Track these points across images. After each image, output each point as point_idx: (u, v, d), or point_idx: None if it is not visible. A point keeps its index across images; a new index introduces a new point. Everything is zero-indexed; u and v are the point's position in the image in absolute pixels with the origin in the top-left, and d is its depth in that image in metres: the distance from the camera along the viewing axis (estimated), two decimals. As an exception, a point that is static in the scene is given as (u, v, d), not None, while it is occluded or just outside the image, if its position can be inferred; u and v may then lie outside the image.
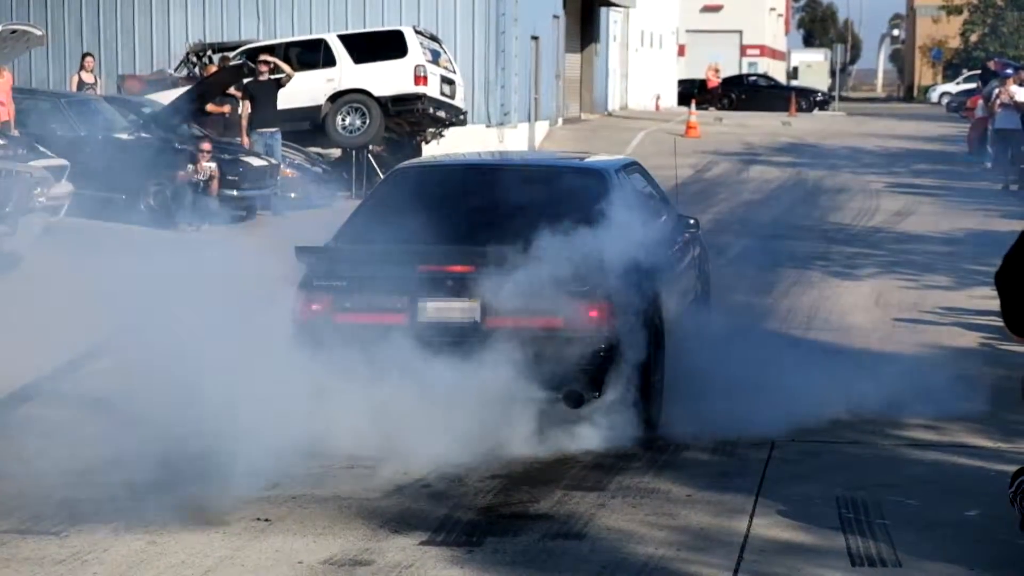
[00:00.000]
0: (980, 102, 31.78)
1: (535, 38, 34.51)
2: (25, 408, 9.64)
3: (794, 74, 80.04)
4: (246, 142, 21.48)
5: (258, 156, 20.88)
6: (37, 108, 20.31)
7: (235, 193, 19.61)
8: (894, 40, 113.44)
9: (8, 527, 7.14)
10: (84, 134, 19.97)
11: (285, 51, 24.44)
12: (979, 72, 40.91)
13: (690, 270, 10.84)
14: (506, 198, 9.23)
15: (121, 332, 9.55)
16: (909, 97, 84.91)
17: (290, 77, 22.48)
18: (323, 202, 20.87)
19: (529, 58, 33.84)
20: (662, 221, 10.30)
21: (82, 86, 23.81)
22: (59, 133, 19.74)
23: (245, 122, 21.74)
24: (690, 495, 7.70)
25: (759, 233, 19.18)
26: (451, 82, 25.01)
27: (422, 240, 8.82)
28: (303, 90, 23.30)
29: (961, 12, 67.64)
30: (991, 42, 63.32)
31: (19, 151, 17.19)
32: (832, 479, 7.99)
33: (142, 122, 20.86)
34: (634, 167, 10.93)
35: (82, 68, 24.31)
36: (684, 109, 45.31)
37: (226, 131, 21.86)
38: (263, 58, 22.71)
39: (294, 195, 21.08)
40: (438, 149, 24.65)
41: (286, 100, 22.50)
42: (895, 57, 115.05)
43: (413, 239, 8.81)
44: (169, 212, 18.60)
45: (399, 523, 7.19)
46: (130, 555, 6.73)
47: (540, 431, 8.63)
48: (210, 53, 26.18)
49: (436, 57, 24.80)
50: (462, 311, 8.59)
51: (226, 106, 22.00)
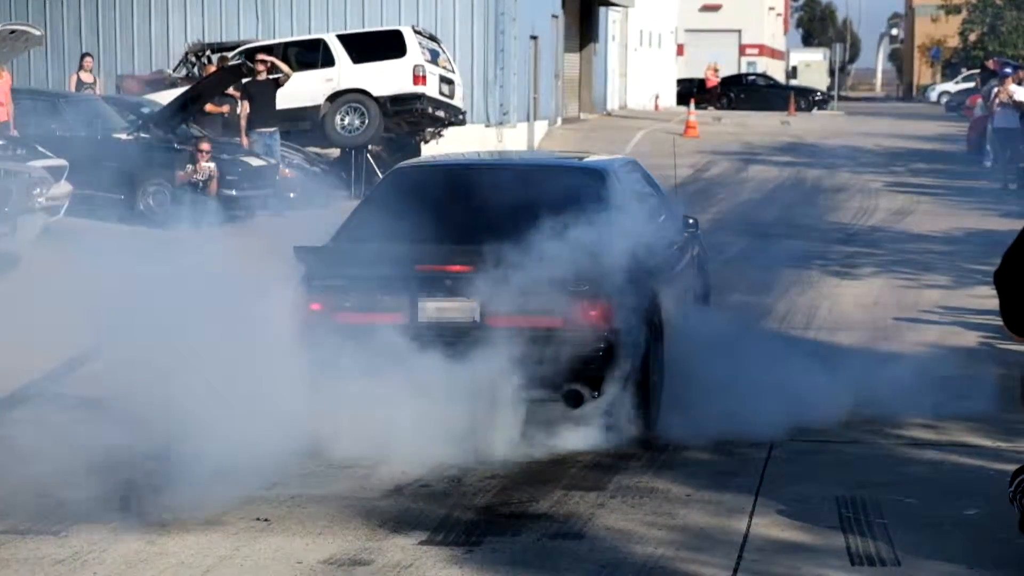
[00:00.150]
0: (979, 101, 31.80)
1: (534, 38, 34.49)
2: (24, 408, 9.63)
3: (793, 73, 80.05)
4: (245, 142, 21.47)
5: (257, 156, 20.87)
6: (36, 108, 20.30)
7: (234, 193, 19.60)
8: (893, 39, 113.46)
9: (7, 527, 7.13)
10: (83, 134, 19.98)
11: (284, 51, 24.41)
12: (979, 72, 40.90)
13: (689, 269, 10.83)
14: (505, 198, 9.21)
15: (119, 332, 9.53)
16: (908, 96, 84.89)
17: (288, 77, 22.46)
18: (322, 202, 20.84)
19: (528, 58, 33.83)
20: (661, 220, 10.29)
21: (81, 86, 23.78)
22: (58, 133, 19.75)
23: (244, 122, 21.72)
24: (689, 494, 7.70)
25: (758, 232, 19.17)
26: (450, 82, 24.99)
27: (421, 240, 8.82)
28: (302, 90, 23.29)
29: (960, 11, 67.57)
30: (990, 41, 63.26)
31: (18, 151, 17.19)
32: (831, 478, 7.99)
33: (141, 122, 20.85)
34: (633, 166, 10.93)
35: (81, 68, 24.28)
36: (683, 109, 45.30)
37: (225, 131, 21.86)
38: (260, 58, 22.70)
39: (293, 195, 21.06)
40: (437, 149, 24.63)
41: (285, 100, 22.49)
42: (894, 56, 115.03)
43: (412, 239, 8.81)
44: (168, 212, 18.58)
45: (398, 523, 7.19)
46: (129, 555, 6.73)
47: (539, 431, 8.63)
48: (209, 53, 26.18)
49: (435, 57, 24.78)
50: (461, 311, 8.59)
51: (225, 106, 21.99)
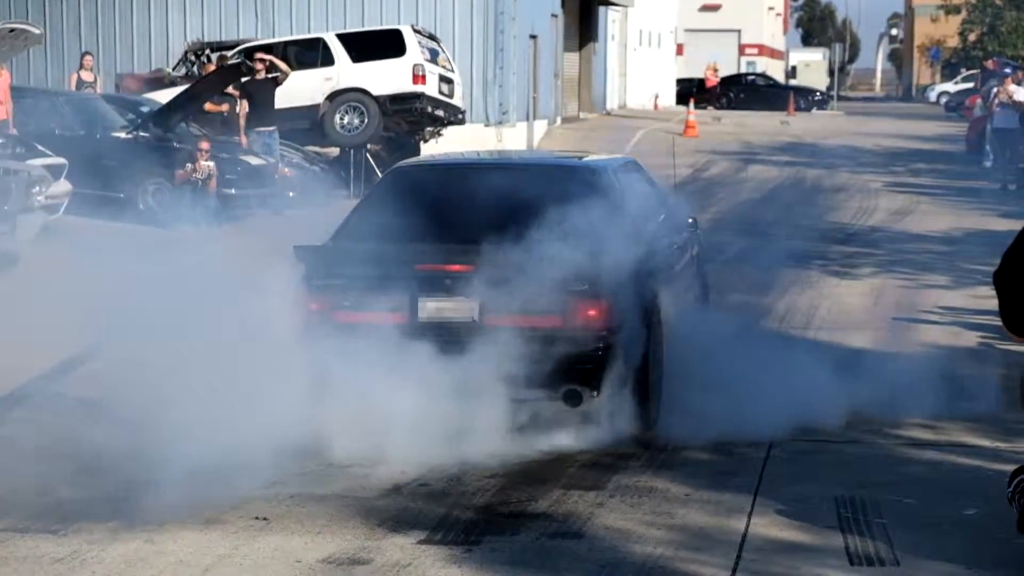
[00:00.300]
0: (978, 101, 31.79)
1: (533, 37, 34.48)
2: (23, 407, 9.63)
3: (792, 73, 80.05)
4: (244, 141, 21.47)
5: (256, 155, 20.87)
6: (36, 107, 20.30)
7: (233, 192, 19.60)
8: (892, 39, 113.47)
9: (6, 526, 7.13)
10: (83, 133, 19.99)
11: (283, 50, 24.40)
12: (979, 72, 40.89)
13: (688, 269, 10.83)
14: (504, 197, 9.20)
15: (118, 331, 9.53)
16: (908, 96, 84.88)
17: (286, 75, 22.45)
18: (321, 201, 20.83)
19: (527, 57, 33.81)
20: (660, 220, 10.30)
21: (81, 85, 23.78)
22: (58, 132, 19.75)
23: (243, 121, 21.72)
24: (688, 494, 7.70)
25: (757, 232, 19.16)
26: (449, 81, 24.98)
27: (421, 239, 8.82)
28: (301, 89, 23.27)
29: (959, 11, 67.58)
30: (989, 41, 63.28)
31: (17, 150, 17.19)
32: (830, 478, 8.00)
33: (140, 121, 20.86)
34: (633, 166, 10.93)
35: (81, 67, 24.28)
36: (682, 108, 45.29)
37: (224, 130, 21.85)
38: (259, 56, 22.67)
39: (292, 194, 21.05)
40: (436, 148, 24.62)
41: (284, 99, 22.47)
42: (893, 56, 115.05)
43: (412, 238, 8.81)
44: (167, 211, 18.56)
45: (397, 522, 7.19)
46: (128, 554, 6.73)
47: (538, 430, 8.64)
48: (208, 52, 26.17)
49: (434, 56, 24.78)
50: (461, 310, 8.59)
51: (224, 105, 21.98)
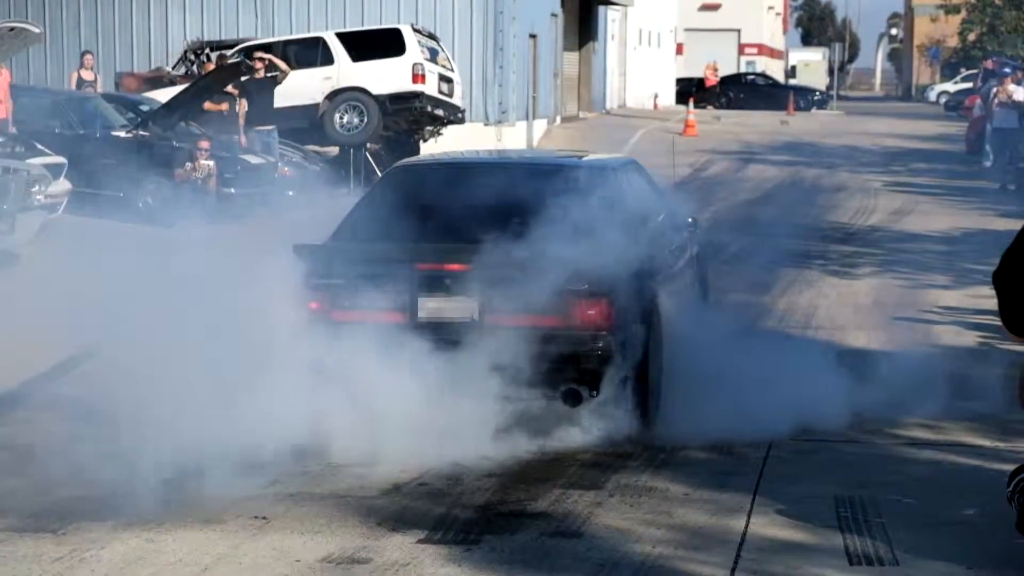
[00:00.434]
0: (978, 101, 31.77)
1: (533, 36, 34.47)
2: (23, 406, 9.63)
3: (792, 73, 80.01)
4: (244, 140, 21.45)
5: (255, 154, 20.87)
6: (35, 105, 20.30)
7: (232, 191, 19.60)
8: (892, 39, 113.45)
9: (5, 525, 7.13)
10: (82, 132, 19.98)
11: (283, 49, 24.39)
12: (978, 71, 40.88)
13: (688, 268, 10.82)
14: (504, 196, 9.20)
15: (118, 330, 9.52)
16: (907, 96, 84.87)
17: (286, 74, 22.45)
18: (321, 200, 20.81)
19: (527, 56, 33.80)
20: (660, 220, 10.30)
21: (81, 84, 23.77)
22: (57, 131, 19.75)
23: (242, 120, 21.71)
24: (688, 494, 7.70)
25: (757, 232, 19.15)
26: (449, 80, 24.98)
27: (420, 238, 8.82)
28: (301, 88, 23.26)
29: (959, 11, 67.52)
30: (989, 41, 63.18)
31: (17, 148, 17.18)
32: (830, 478, 8.00)
33: (140, 120, 20.85)
34: (632, 166, 10.93)
35: (81, 66, 24.27)
36: (682, 108, 45.29)
37: (223, 129, 21.83)
38: (258, 55, 22.68)
39: (292, 193, 21.04)
40: (436, 147, 24.62)
41: (284, 98, 22.47)
42: (893, 56, 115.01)
43: (411, 237, 8.81)
44: (167, 210, 18.55)
45: (396, 521, 7.19)
46: (128, 553, 6.73)
47: (538, 430, 8.64)
48: (208, 51, 26.16)
49: (434, 55, 24.77)
50: (460, 309, 8.58)
51: (224, 104, 21.97)
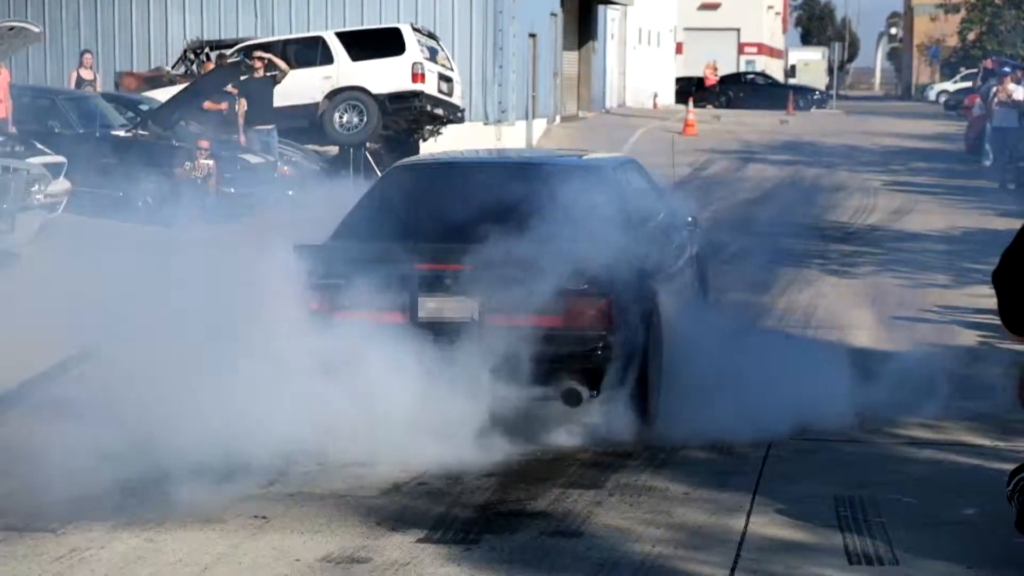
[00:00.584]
0: (978, 100, 31.78)
1: (533, 36, 34.48)
2: (22, 405, 9.62)
3: (792, 72, 79.98)
4: (243, 139, 21.45)
5: (255, 154, 20.86)
6: (35, 105, 20.30)
7: (232, 190, 19.59)
8: (892, 38, 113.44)
9: (5, 524, 7.13)
10: (82, 131, 19.98)
11: (283, 48, 24.37)
12: (978, 71, 40.88)
13: (688, 268, 10.82)
14: (504, 196, 9.21)
15: (117, 330, 9.52)
16: (907, 95, 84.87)
17: (285, 74, 22.44)
18: (320, 200, 20.79)
19: (527, 56, 33.81)
20: (660, 219, 10.30)
21: (81, 83, 23.77)
22: (57, 130, 19.75)
23: (242, 119, 21.70)
24: (687, 493, 7.70)
25: (757, 231, 19.14)
26: (449, 80, 24.97)
27: (420, 238, 8.82)
28: (300, 87, 23.25)
29: (959, 10, 67.53)
30: (989, 40, 63.18)
31: (17, 148, 17.18)
32: (829, 477, 8.00)
33: (139, 119, 20.85)
34: (632, 165, 10.93)
35: (81, 65, 24.27)
36: (682, 107, 45.30)
37: (223, 128, 21.83)
38: (257, 55, 22.66)
39: (291, 192, 21.03)
40: (435, 147, 24.61)
41: (284, 97, 22.46)
42: (893, 55, 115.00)
43: (411, 237, 8.81)
44: (166, 209, 18.55)
45: (396, 521, 7.18)
46: (127, 552, 6.73)
47: (537, 429, 8.64)
48: (208, 50, 26.15)
49: (434, 55, 24.76)
50: (460, 309, 8.58)
51: (223, 103, 21.97)
